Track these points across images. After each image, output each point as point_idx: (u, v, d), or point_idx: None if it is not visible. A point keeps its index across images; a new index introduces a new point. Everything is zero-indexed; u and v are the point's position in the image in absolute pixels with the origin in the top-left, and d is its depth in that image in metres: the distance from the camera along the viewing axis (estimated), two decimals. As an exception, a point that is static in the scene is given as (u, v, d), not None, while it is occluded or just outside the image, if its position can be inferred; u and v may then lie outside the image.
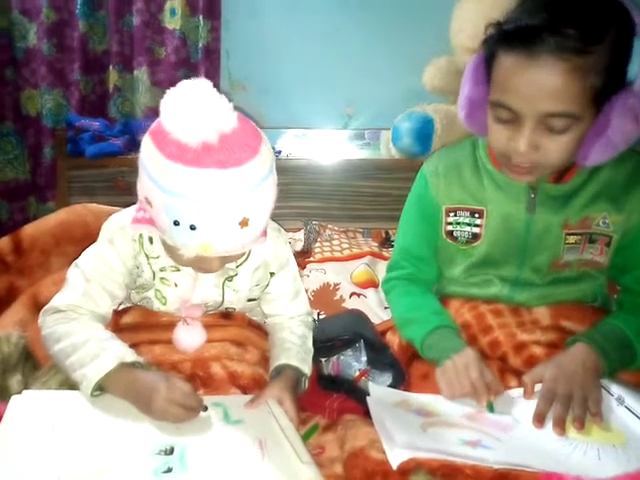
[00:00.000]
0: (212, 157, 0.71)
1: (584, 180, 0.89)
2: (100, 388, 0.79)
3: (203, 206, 0.73)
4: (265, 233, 0.88)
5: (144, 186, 0.78)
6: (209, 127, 0.71)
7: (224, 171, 0.72)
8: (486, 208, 0.93)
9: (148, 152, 0.76)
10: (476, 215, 0.94)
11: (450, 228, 0.97)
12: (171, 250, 0.85)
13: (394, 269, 1.06)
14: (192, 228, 0.74)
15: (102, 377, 0.78)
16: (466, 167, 0.95)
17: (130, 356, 0.82)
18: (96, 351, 0.80)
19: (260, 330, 1.02)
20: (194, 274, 0.91)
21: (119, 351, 0.82)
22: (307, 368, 0.93)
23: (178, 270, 0.92)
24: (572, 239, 0.90)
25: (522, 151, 0.79)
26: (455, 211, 0.96)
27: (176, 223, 0.75)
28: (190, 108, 0.70)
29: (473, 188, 0.94)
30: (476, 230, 0.94)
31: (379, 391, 0.89)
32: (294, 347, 0.94)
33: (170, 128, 0.72)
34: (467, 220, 0.95)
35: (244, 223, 0.76)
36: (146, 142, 0.77)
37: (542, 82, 0.74)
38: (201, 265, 0.84)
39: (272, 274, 0.99)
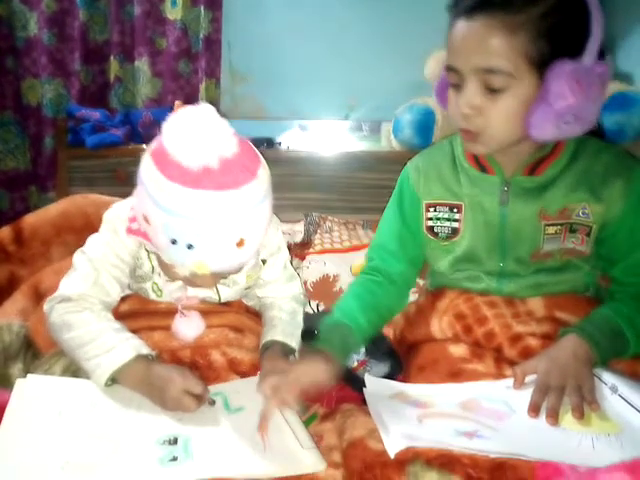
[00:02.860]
0: (212, 180, 0.73)
1: (559, 171, 0.89)
2: (111, 379, 0.81)
3: (201, 226, 0.74)
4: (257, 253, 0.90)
5: (143, 204, 0.79)
6: (210, 152, 0.73)
7: (222, 192, 0.74)
8: (463, 203, 0.94)
9: (149, 172, 0.77)
10: (455, 210, 0.95)
11: (430, 224, 0.97)
12: (165, 266, 0.87)
13: (366, 262, 1.06)
14: (189, 247, 0.76)
15: (118, 367, 0.79)
16: (444, 164, 0.97)
17: (145, 348, 0.84)
18: (113, 342, 0.82)
19: (257, 317, 1.04)
20: None
21: (135, 343, 0.83)
22: (294, 342, 0.95)
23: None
24: (552, 229, 0.90)
25: (463, 111, 0.81)
26: (435, 206, 0.97)
27: (174, 242, 0.76)
28: (192, 133, 0.72)
29: (451, 184, 0.95)
30: (455, 225, 0.95)
31: (375, 383, 0.89)
32: (280, 324, 0.97)
33: (172, 151, 0.74)
34: (446, 215, 0.96)
35: (240, 243, 0.77)
36: (147, 162, 0.78)
37: (472, 37, 0.78)
38: (194, 281, 0.86)
39: (264, 261, 1.01)
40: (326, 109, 2.23)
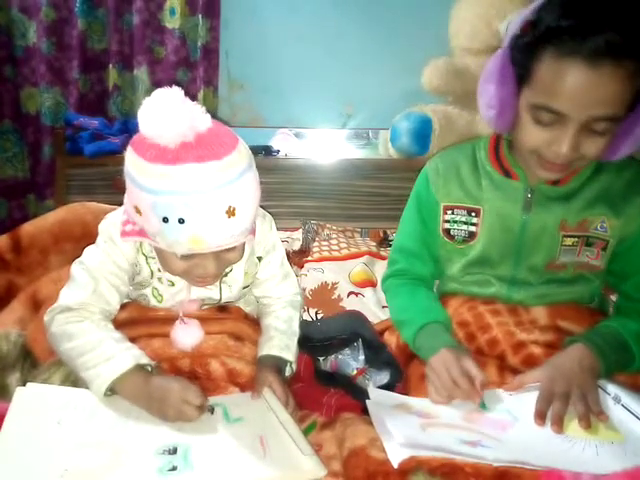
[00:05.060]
0: (191, 153, 0.74)
1: (582, 183, 0.90)
2: (110, 390, 0.80)
3: (189, 198, 0.74)
4: (254, 232, 0.90)
5: (131, 195, 0.80)
6: (185, 127, 0.73)
7: (204, 164, 0.74)
8: (483, 207, 0.94)
9: (130, 161, 0.78)
10: (473, 214, 0.95)
11: (447, 226, 0.98)
12: (166, 263, 0.87)
13: (389, 266, 1.08)
14: (181, 222, 0.76)
15: (117, 376, 0.79)
16: (465, 167, 0.97)
17: (145, 358, 0.83)
18: (112, 351, 0.82)
19: (256, 324, 1.04)
20: None
21: (135, 352, 0.83)
22: (290, 354, 0.96)
23: None
24: (569, 241, 0.91)
25: (565, 153, 0.78)
26: (452, 209, 0.97)
27: (165, 220, 0.76)
28: (164, 112, 0.73)
29: (470, 187, 0.95)
30: (472, 229, 0.95)
31: (378, 395, 0.89)
32: (277, 335, 0.97)
33: (148, 134, 0.74)
34: (464, 219, 0.96)
35: (231, 212, 0.77)
36: (128, 153, 0.79)
37: (597, 88, 0.73)
38: (196, 272, 0.85)
39: (259, 258, 1.01)
40: (324, 117, 2.24)
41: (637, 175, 0.89)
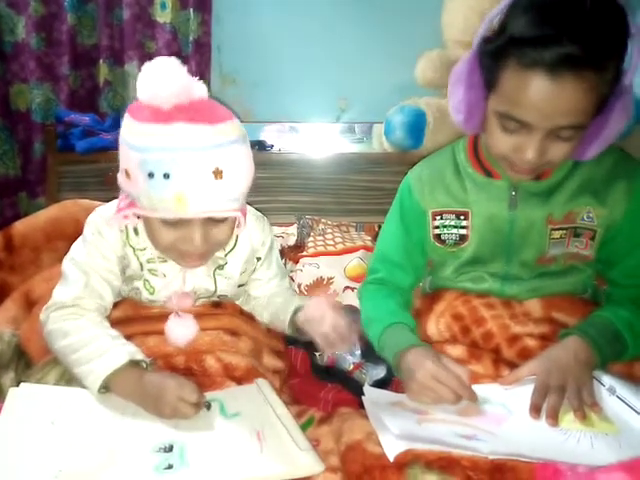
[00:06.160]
0: (184, 114, 0.76)
1: (564, 175, 0.90)
2: (104, 387, 0.80)
3: (176, 154, 0.76)
4: (244, 212, 0.89)
5: (122, 158, 0.81)
6: (179, 87, 0.75)
7: (195, 125, 0.76)
8: (471, 210, 0.94)
9: (125, 125, 0.80)
10: (461, 217, 0.95)
11: (437, 232, 0.98)
12: (153, 235, 0.86)
13: (369, 274, 1.08)
14: (166, 177, 0.76)
15: (111, 372, 0.79)
16: (448, 172, 0.97)
17: (139, 354, 0.83)
18: (107, 346, 0.81)
19: (251, 319, 1.04)
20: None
21: (130, 349, 0.83)
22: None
23: (165, 261, 0.92)
24: (557, 234, 0.91)
25: (530, 160, 0.79)
26: (441, 214, 0.97)
27: (150, 175, 0.77)
28: (160, 73, 0.75)
29: (456, 192, 0.95)
30: (463, 232, 0.95)
31: (374, 393, 0.89)
32: (286, 298, 1.01)
33: (144, 96, 0.76)
34: (453, 222, 0.96)
35: (217, 173, 0.77)
36: (125, 118, 0.81)
37: (559, 100, 0.73)
38: (183, 246, 0.84)
39: (259, 259, 1.02)
40: (317, 111, 2.23)
41: (617, 162, 0.89)
